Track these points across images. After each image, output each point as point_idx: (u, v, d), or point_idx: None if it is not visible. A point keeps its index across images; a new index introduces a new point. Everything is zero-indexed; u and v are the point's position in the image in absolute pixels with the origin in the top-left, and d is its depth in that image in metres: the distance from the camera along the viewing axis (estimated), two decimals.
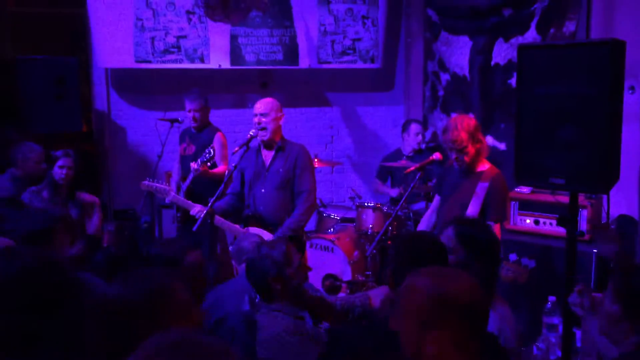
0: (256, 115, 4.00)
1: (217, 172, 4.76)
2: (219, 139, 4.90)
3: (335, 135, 6.61)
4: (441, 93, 6.08)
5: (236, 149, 4.05)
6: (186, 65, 5.69)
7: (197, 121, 4.86)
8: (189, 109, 4.83)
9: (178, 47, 5.65)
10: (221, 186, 4.00)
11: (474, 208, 3.53)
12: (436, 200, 3.97)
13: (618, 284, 2.11)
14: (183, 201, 4.23)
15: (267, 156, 4.10)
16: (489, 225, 3.47)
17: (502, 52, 5.33)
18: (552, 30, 4.90)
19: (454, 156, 3.62)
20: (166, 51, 5.62)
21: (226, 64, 5.82)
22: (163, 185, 4.38)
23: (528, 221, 4.47)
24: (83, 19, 5.57)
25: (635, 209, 4.32)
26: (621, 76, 2.73)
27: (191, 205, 4.10)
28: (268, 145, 4.08)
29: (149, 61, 5.59)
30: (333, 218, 5.39)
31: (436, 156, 3.99)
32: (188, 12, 5.62)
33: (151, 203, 5.02)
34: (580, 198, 3.48)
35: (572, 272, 2.77)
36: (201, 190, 4.61)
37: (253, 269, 2.61)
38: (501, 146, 5.41)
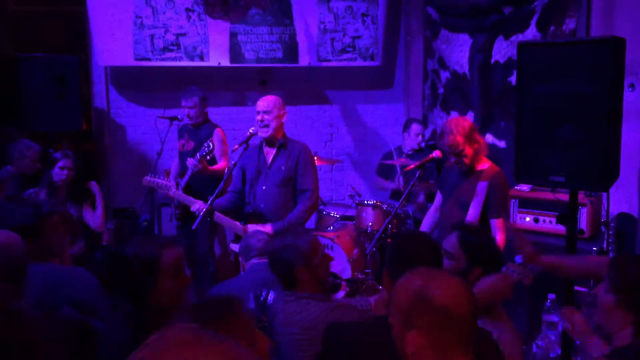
0: (259, 112, 3.97)
1: (216, 169, 4.76)
2: (218, 135, 4.91)
3: (335, 133, 6.60)
4: (441, 91, 6.07)
5: (236, 147, 4.04)
6: (185, 63, 5.69)
7: (192, 118, 4.92)
8: (184, 106, 4.93)
9: (177, 45, 5.64)
10: (221, 184, 3.99)
11: (475, 208, 3.54)
12: (438, 197, 3.98)
13: (613, 273, 2.12)
14: (184, 197, 4.22)
15: (269, 153, 4.07)
16: (490, 233, 3.48)
17: (502, 50, 5.32)
18: (552, 27, 4.89)
19: (453, 159, 3.65)
20: (165, 49, 5.61)
21: (226, 62, 5.81)
22: (165, 180, 4.40)
23: (528, 219, 4.48)
24: (83, 17, 5.56)
25: (635, 207, 4.32)
26: (621, 74, 2.73)
27: (192, 201, 4.08)
28: (270, 142, 4.05)
29: (149, 59, 5.58)
30: (333, 216, 5.38)
31: (436, 154, 3.98)
32: (187, 10, 5.61)
33: (151, 201, 5.02)
34: (580, 196, 3.49)
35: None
36: (199, 186, 4.61)
37: (279, 259, 2.56)
38: (501, 144, 5.40)
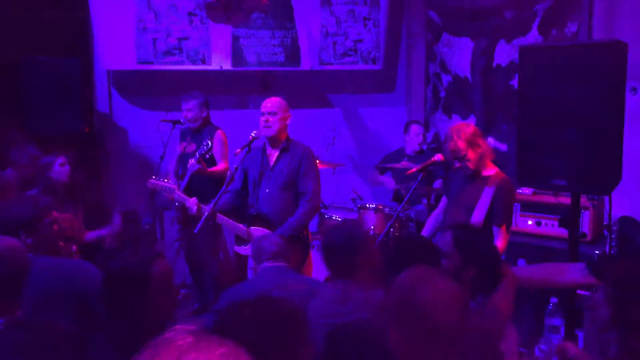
0: (263, 113, 3.97)
1: (216, 171, 4.76)
2: (219, 137, 4.92)
3: (336, 136, 6.60)
4: (443, 94, 6.07)
5: (238, 150, 4.03)
6: (188, 66, 5.69)
7: (190, 121, 4.94)
8: (183, 109, 4.96)
9: (180, 49, 5.65)
10: (223, 187, 3.98)
11: (480, 213, 3.49)
12: (442, 202, 3.95)
13: (608, 282, 2.04)
14: (186, 199, 4.21)
15: (272, 156, 4.06)
16: (490, 235, 3.46)
17: (504, 54, 5.33)
18: (554, 31, 4.90)
19: (457, 165, 3.60)
20: (168, 53, 5.62)
21: (228, 66, 5.82)
22: (169, 183, 4.40)
23: (530, 222, 4.47)
24: (85, 21, 5.57)
25: (637, 210, 4.31)
26: (623, 77, 2.73)
27: (188, 200, 4.08)
28: (273, 144, 4.04)
29: (151, 63, 5.59)
30: (335, 219, 5.38)
31: (438, 157, 3.97)
32: (190, 14, 5.62)
33: (153, 205, 5.02)
34: (582, 199, 3.48)
35: None
36: (200, 188, 4.61)
37: (340, 249, 2.51)
38: (503, 147, 5.40)
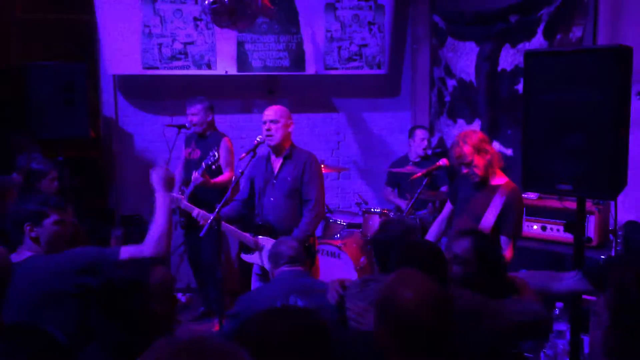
0: (265, 122, 3.98)
1: (220, 181, 4.76)
2: (225, 145, 4.93)
3: (341, 141, 6.61)
4: (447, 99, 6.07)
5: (243, 155, 4.04)
6: (193, 71, 5.71)
7: (195, 125, 4.97)
8: (187, 113, 4.99)
9: (185, 54, 5.67)
10: (228, 192, 3.99)
11: (488, 222, 3.44)
12: (447, 208, 3.88)
13: (609, 273, 2.04)
14: (192, 208, 4.22)
15: (276, 164, 4.07)
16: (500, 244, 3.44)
17: (509, 58, 5.32)
18: (559, 36, 4.89)
19: (465, 171, 3.55)
20: (173, 57, 5.64)
21: (233, 70, 5.83)
22: (175, 193, 4.42)
23: (535, 227, 4.47)
24: (91, 26, 5.60)
25: None
26: (628, 82, 2.73)
27: (194, 209, 4.07)
28: (277, 152, 4.05)
29: (156, 67, 5.61)
30: (339, 224, 5.38)
31: (443, 162, 3.96)
32: (195, 19, 5.64)
33: None
34: (587, 204, 3.48)
35: None
36: (205, 195, 4.62)
37: (411, 251, 2.47)
38: (508, 152, 5.40)
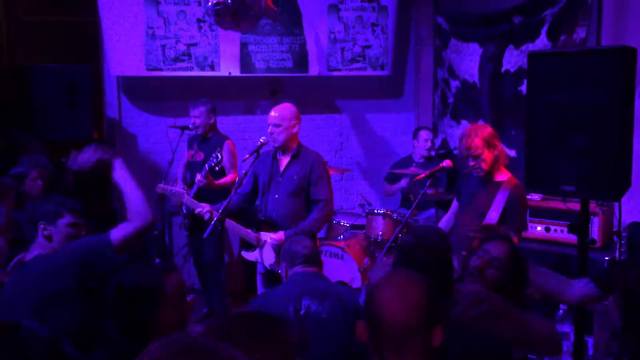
0: (269, 125, 3.99)
1: (223, 183, 4.77)
2: (228, 147, 4.93)
3: (344, 142, 6.61)
4: (451, 100, 6.07)
5: (246, 156, 4.04)
6: (197, 73, 5.72)
7: (197, 127, 4.98)
8: (190, 115, 5.00)
9: (189, 55, 5.68)
10: (232, 193, 3.99)
11: (493, 218, 3.45)
12: (454, 205, 3.91)
13: (615, 275, 2.08)
14: (196, 203, 4.21)
15: (282, 162, 4.06)
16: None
17: (513, 59, 5.32)
18: (563, 37, 4.89)
19: (471, 163, 3.55)
20: (177, 59, 5.65)
21: (236, 72, 5.84)
22: (178, 188, 4.42)
23: (539, 228, 4.46)
24: (95, 27, 5.62)
25: None
26: (632, 83, 2.72)
27: (198, 205, 4.07)
28: (283, 150, 4.04)
29: (160, 69, 5.62)
30: (343, 225, 5.38)
31: (446, 163, 3.95)
32: (199, 20, 5.66)
33: (161, 210, 5.04)
34: (591, 205, 3.47)
35: None
36: (208, 197, 4.62)
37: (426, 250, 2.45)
38: (511, 153, 5.39)
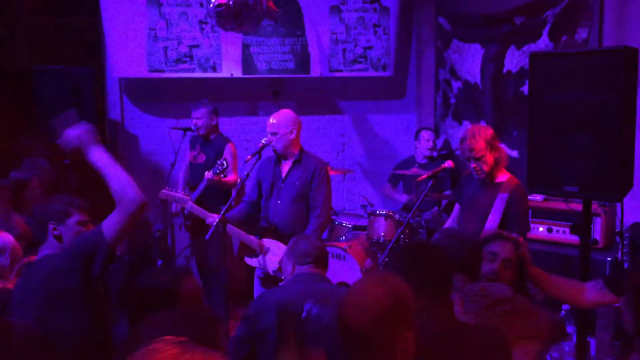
0: (268, 133, 4.02)
1: (228, 181, 4.79)
2: (230, 150, 4.95)
3: (346, 143, 6.61)
4: (453, 101, 6.07)
5: (248, 158, 4.05)
6: (199, 74, 5.73)
7: (199, 129, 5.00)
8: (192, 117, 5.03)
9: (191, 57, 5.69)
10: (233, 195, 4.00)
11: (494, 220, 3.43)
12: (457, 207, 3.90)
13: (626, 277, 2.08)
14: (200, 210, 4.23)
15: (284, 167, 4.09)
16: None
17: (514, 60, 5.32)
18: (565, 37, 4.88)
19: (473, 165, 3.53)
20: (179, 60, 5.66)
21: (238, 73, 5.85)
22: (181, 194, 4.44)
23: (541, 229, 4.45)
24: (97, 29, 5.63)
25: None
26: (634, 83, 2.72)
27: (207, 214, 4.08)
28: (284, 156, 4.07)
29: (162, 71, 5.63)
30: (345, 226, 5.38)
31: (448, 164, 3.95)
32: (201, 22, 5.66)
33: (164, 211, 5.05)
34: (593, 206, 3.46)
35: (586, 281, 2.75)
36: (211, 199, 4.63)
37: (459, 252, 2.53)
38: (514, 154, 5.38)
